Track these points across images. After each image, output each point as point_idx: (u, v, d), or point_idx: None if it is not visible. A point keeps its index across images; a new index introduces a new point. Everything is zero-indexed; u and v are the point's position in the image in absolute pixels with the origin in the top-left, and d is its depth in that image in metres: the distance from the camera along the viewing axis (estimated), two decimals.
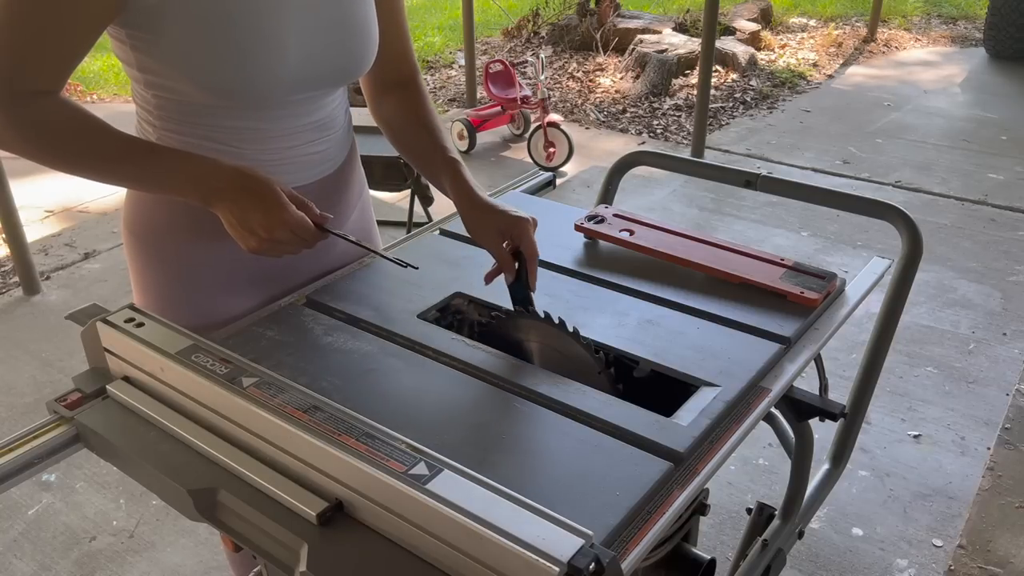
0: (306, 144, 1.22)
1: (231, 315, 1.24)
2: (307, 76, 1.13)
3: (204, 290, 1.23)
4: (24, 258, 3.30)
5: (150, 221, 1.22)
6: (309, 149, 1.23)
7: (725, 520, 2.18)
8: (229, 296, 1.24)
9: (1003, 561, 2.05)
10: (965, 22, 7.49)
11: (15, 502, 2.27)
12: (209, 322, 1.22)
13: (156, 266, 1.23)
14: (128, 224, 1.25)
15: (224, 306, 1.24)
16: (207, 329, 1.19)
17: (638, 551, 0.82)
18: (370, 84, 1.32)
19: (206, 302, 1.24)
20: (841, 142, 4.83)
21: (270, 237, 1.03)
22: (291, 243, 1.05)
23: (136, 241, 1.24)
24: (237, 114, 1.13)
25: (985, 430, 2.50)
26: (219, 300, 1.24)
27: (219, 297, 1.24)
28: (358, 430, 0.83)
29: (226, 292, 1.24)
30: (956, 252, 3.56)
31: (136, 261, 1.25)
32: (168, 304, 1.24)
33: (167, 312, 1.22)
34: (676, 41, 6.14)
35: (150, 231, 1.22)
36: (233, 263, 1.22)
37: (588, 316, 1.22)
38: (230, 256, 1.20)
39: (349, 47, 1.16)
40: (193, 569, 2.07)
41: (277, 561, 0.82)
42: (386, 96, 1.32)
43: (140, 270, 1.25)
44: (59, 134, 1.05)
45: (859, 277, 1.36)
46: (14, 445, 0.94)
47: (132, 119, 1.23)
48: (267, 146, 1.18)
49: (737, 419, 1.02)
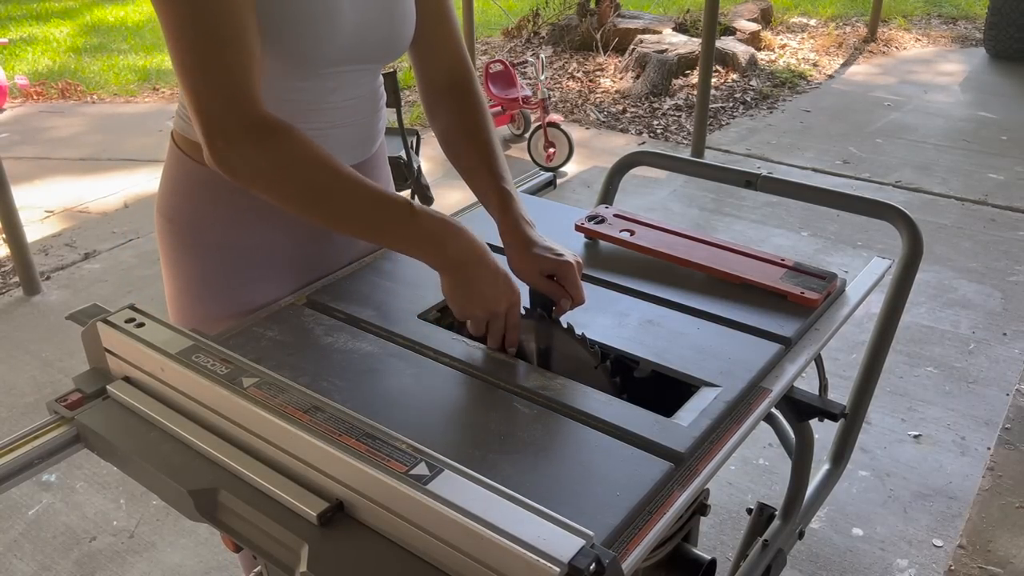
0: (351, 124, 1.25)
1: (266, 301, 1.26)
2: (359, 45, 1.15)
3: (240, 276, 1.26)
4: (24, 258, 3.30)
5: (188, 208, 1.24)
6: (355, 125, 1.26)
7: (725, 520, 2.18)
8: (265, 283, 1.27)
9: (1003, 561, 2.05)
10: (965, 22, 7.49)
11: (15, 502, 2.27)
12: (243, 309, 1.24)
13: (192, 252, 1.25)
14: (163, 210, 1.27)
15: (259, 293, 1.26)
16: (242, 315, 1.22)
17: (639, 551, 0.82)
18: (424, 89, 1.31)
19: (241, 288, 1.26)
20: (841, 142, 4.83)
21: (493, 310, 1.08)
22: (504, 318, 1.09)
23: (171, 227, 1.26)
24: (292, 84, 1.15)
25: (985, 430, 2.50)
26: (255, 287, 1.26)
27: (255, 284, 1.26)
28: (359, 430, 0.83)
29: (262, 279, 1.26)
30: (956, 252, 3.56)
31: (170, 248, 1.27)
32: (203, 290, 1.26)
33: (202, 298, 1.26)
34: (676, 41, 6.14)
35: (187, 218, 1.24)
36: (270, 250, 1.25)
37: (589, 316, 1.22)
38: (266, 243, 1.23)
39: (395, 21, 1.18)
40: (193, 569, 2.07)
41: (277, 561, 0.82)
42: (439, 104, 1.29)
43: (175, 258, 1.27)
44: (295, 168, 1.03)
45: (859, 277, 1.36)
46: (14, 445, 0.93)
47: (131, 119, 1.23)
48: (313, 122, 1.18)
49: (737, 419, 1.02)
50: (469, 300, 1.08)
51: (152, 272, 3.47)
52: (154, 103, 5.73)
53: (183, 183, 1.23)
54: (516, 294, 1.09)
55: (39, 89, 5.92)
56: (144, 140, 4.97)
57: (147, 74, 6.32)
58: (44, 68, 6.46)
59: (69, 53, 6.95)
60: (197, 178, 1.21)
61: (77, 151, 4.87)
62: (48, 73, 6.33)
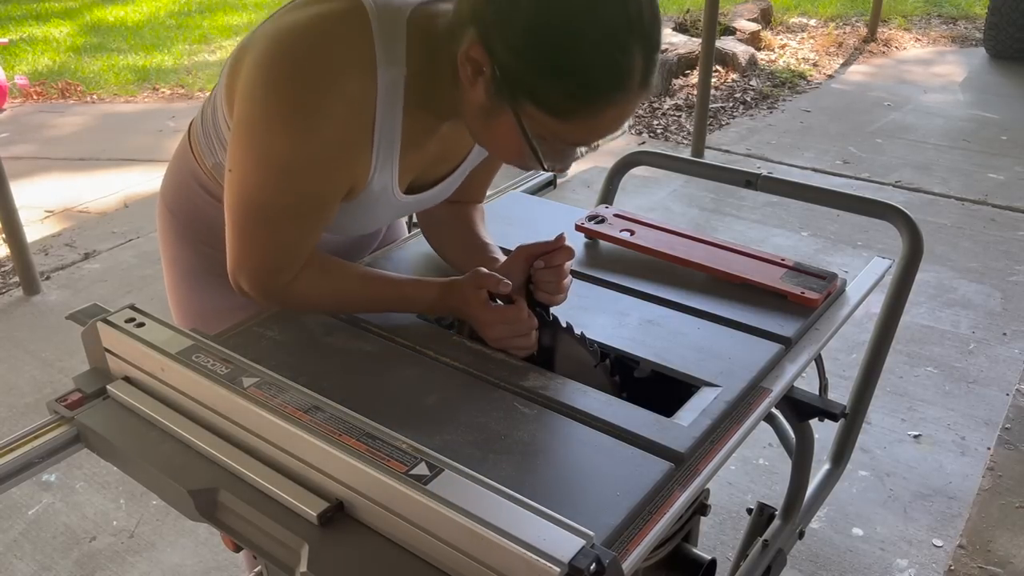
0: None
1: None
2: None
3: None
4: (24, 258, 3.29)
5: (191, 208, 1.25)
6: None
7: (726, 520, 2.18)
8: None
9: (1003, 561, 2.05)
10: (965, 22, 7.49)
11: (15, 502, 2.27)
12: (242, 302, 1.24)
13: (192, 247, 1.27)
14: (167, 201, 1.28)
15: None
16: (242, 309, 1.23)
17: (639, 551, 0.82)
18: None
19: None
20: (841, 142, 4.82)
21: (502, 342, 1.13)
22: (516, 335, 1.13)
23: (173, 218, 1.27)
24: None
25: (985, 430, 2.50)
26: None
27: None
28: (359, 430, 0.83)
29: None
30: (956, 252, 3.56)
31: (171, 238, 1.29)
32: (201, 280, 1.27)
33: (200, 288, 1.27)
34: (676, 41, 6.14)
35: (189, 216, 1.26)
36: None
37: (589, 316, 1.21)
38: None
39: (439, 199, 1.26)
40: (193, 569, 2.07)
41: (278, 561, 0.82)
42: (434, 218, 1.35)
43: (175, 249, 1.29)
44: (321, 301, 1.17)
45: (860, 277, 1.36)
46: (14, 445, 0.93)
47: (131, 119, 1.24)
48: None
49: (738, 419, 1.02)
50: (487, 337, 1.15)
51: (152, 272, 3.47)
52: (154, 103, 5.73)
53: (187, 178, 1.25)
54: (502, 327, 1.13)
55: (39, 89, 5.92)
56: (144, 140, 4.96)
57: (147, 74, 6.32)
58: (44, 68, 6.46)
59: (69, 53, 6.95)
60: (202, 182, 1.23)
61: (77, 151, 4.86)
62: (48, 73, 6.33)
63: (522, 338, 1.13)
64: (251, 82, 0.98)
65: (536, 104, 0.92)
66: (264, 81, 0.96)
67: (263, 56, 0.97)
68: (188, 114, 5.46)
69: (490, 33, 0.91)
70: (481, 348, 1.13)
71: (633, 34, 0.90)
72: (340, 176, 1.04)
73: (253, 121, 0.98)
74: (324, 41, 0.96)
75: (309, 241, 1.09)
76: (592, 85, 0.91)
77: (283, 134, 0.97)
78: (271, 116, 0.97)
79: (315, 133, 0.97)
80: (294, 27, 0.97)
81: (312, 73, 0.95)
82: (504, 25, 0.90)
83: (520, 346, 1.13)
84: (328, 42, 0.96)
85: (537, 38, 0.89)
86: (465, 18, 0.94)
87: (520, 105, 0.93)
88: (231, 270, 1.10)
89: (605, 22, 0.88)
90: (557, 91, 0.91)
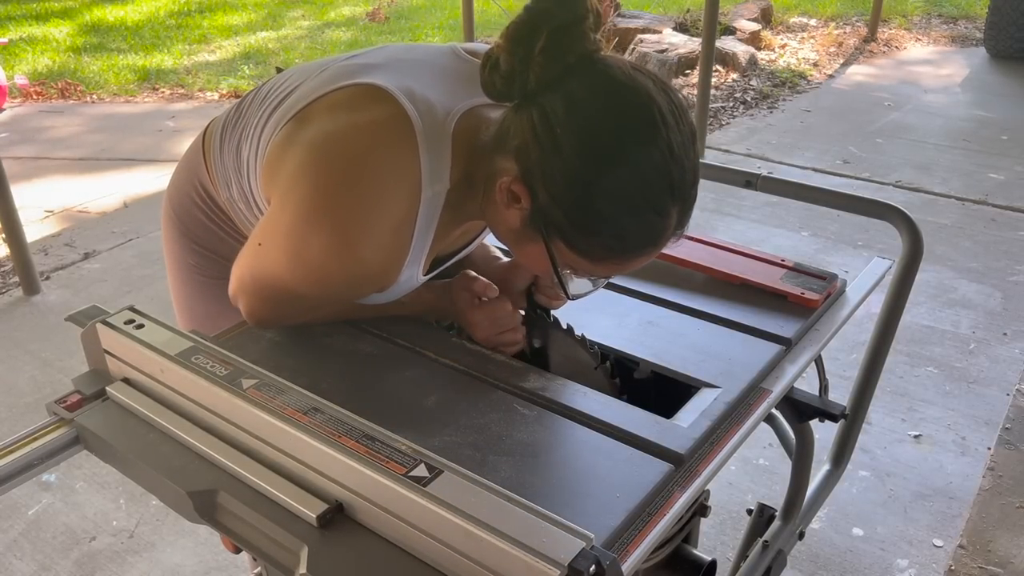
0: None
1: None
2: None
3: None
4: (24, 258, 3.29)
5: (196, 215, 1.26)
6: None
7: (726, 521, 2.18)
8: None
9: (1003, 561, 2.05)
10: (965, 22, 7.49)
11: (15, 502, 2.27)
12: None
13: (193, 251, 1.27)
14: (173, 202, 1.29)
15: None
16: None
17: (639, 553, 0.82)
18: None
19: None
20: (841, 142, 4.82)
21: (491, 340, 1.14)
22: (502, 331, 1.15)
23: (177, 220, 1.28)
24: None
25: (985, 430, 2.50)
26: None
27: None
28: (358, 432, 0.82)
29: None
30: (956, 252, 3.56)
31: (174, 238, 1.29)
32: (207, 286, 1.28)
33: (208, 293, 1.27)
34: (676, 41, 6.13)
35: (193, 223, 1.26)
36: None
37: (589, 317, 1.21)
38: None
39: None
40: (193, 569, 2.07)
41: (277, 563, 0.82)
42: None
43: (178, 249, 1.30)
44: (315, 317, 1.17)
45: (860, 278, 1.36)
46: (14, 447, 0.93)
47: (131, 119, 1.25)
48: None
49: (738, 420, 1.02)
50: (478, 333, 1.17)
51: (152, 272, 3.46)
52: (153, 103, 5.73)
53: (191, 182, 1.25)
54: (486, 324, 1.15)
55: (39, 89, 5.92)
56: (143, 140, 4.96)
57: (147, 74, 6.32)
58: (44, 68, 6.46)
59: (69, 53, 6.95)
60: (209, 193, 1.24)
61: (77, 151, 4.86)
62: (48, 73, 6.33)
63: (509, 333, 1.13)
64: (296, 176, 0.99)
65: (568, 246, 0.94)
66: (313, 185, 0.98)
67: (310, 161, 0.98)
68: (188, 114, 5.48)
69: (533, 173, 0.92)
70: (481, 349, 1.13)
71: (674, 198, 0.91)
72: (368, 288, 1.08)
73: (298, 213, 0.99)
74: (375, 156, 0.97)
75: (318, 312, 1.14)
76: (628, 244, 0.94)
77: (324, 240, 0.98)
78: (317, 218, 0.98)
79: (355, 249, 0.99)
80: (345, 135, 0.98)
81: (362, 187, 0.97)
82: (548, 171, 0.91)
83: (509, 341, 1.14)
84: (378, 157, 0.97)
85: (578, 193, 0.90)
86: (510, 148, 0.94)
87: (553, 241, 0.95)
88: (232, 292, 1.11)
89: (647, 186, 0.89)
90: (592, 242, 0.93)
